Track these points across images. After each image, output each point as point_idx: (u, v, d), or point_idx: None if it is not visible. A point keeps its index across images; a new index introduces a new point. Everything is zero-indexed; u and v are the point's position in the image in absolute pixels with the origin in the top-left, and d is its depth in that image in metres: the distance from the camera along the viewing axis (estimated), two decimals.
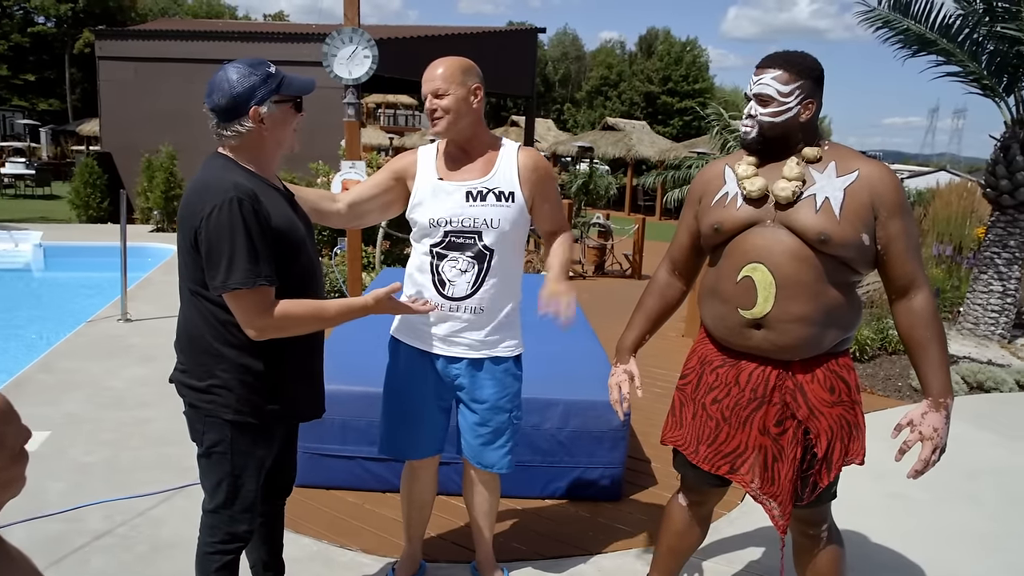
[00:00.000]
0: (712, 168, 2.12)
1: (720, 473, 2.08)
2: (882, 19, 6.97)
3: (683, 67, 44.48)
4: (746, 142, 1.98)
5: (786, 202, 1.89)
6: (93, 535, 2.91)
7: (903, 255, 1.90)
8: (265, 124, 1.86)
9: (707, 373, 2.10)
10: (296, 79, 1.92)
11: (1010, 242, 6.68)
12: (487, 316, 2.31)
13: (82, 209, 13.08)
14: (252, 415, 1.90)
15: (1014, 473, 3.99)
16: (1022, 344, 6.79)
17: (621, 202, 22.46)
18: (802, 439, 1.97)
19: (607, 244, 10.50)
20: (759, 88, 1.91)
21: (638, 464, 3.74)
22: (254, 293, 1.77)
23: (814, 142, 1.95)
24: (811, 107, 1.91)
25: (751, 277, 1.91)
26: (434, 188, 2.28)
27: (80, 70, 35.54)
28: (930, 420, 1.90)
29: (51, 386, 4.57)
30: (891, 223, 1.88)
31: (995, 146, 6.83)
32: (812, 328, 1.90)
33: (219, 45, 13.58)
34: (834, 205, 1.86)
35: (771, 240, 1.90)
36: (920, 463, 1.90)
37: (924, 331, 1.91)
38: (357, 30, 5.90)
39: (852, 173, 1.89)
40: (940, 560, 3.05)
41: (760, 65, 1.94)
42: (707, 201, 2.06)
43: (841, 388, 1.98)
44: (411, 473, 2.57)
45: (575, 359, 3.76)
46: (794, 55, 1.93)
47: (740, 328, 1.97)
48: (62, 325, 6.10)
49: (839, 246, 1.85)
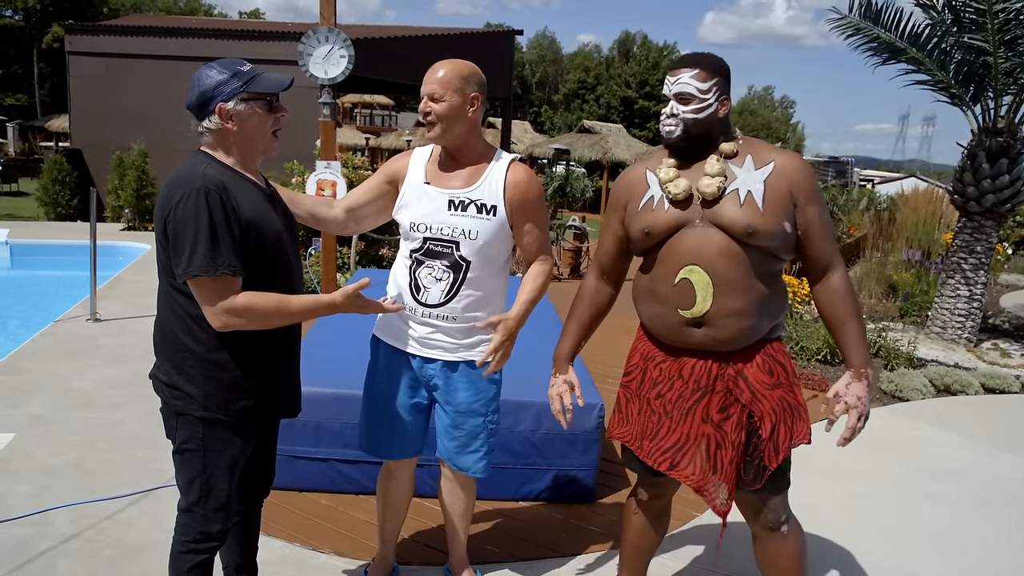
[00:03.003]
0: (633, 172, 2.17)
1: (661, 469, 2.13)
2: (853, 27, 7.08)
3: (660, 72, 44.86)
4: (671, 141, 2.03)
5: (712, 198, 1.97)
6: (59, 539, 2.85)
7: (821, 238, 2.01)
8: (233, 121, 1.86)
9: (651, 368, 2.16)
10: (268, 77, 1.90)
11: (976, 248, 6.82)
12: (460, 324, 2.31)
13: (50, 207, 12.84)
14: (222, 412, 1.89)
15: (979, 474, 4.07)
16: (988, 348, 6.94)
17: (597, 204, 22.53)
18: (746, 423, 2.04)
19: (582, 246, 10.54)
20: (679, 87, 1.98)
21: (611, 466, 3.76)
22: (215, 281, 1.77)
23: (729, 137, 2.04)
24: (727, 103, 2.01)
25: (689, 279, 1.99)
26: (419, 191, 2.28)
27: (49, 65, 34.91)
28: (854, 390, 2.00)
29: (16, 387, 4.48)
30: (809, 209, 1.98)
31: (962, 154, 6.97)
32: (749, 320, 1.99)
33: (192, 42, 13.40)
34: (756, 197, 1.95)
35: (702, 240, 1.98)
36: (848, 431, 2.00)
37: (843, 307, 2.02)
38: (333, 29, 5.87)
39: (768, 164, 1.98)
40: (905, 560, 3.11)
41: (675, 66, 2.03)
42: (633, 206, 2.11)
43: (779, 371, 2.06)
44: (388, 474, 2.56)
45: (548, 361, 3.75)
46: (705, 55, 2.02)
47: (680, 327, 2.04)
48: (28, 325, 5.98)
49: (765, 236, 1.94)
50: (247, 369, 1.91)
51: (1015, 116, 6.68)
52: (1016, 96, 6.58)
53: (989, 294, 8.73)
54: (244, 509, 2.20)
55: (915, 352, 6.23)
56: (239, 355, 1.89)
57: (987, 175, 6.63)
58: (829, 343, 5.99)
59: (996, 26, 6.13)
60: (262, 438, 2.08)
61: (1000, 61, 6.31)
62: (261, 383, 1.95)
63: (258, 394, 1.94)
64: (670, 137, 2.03)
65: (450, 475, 2.51)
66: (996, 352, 6.81)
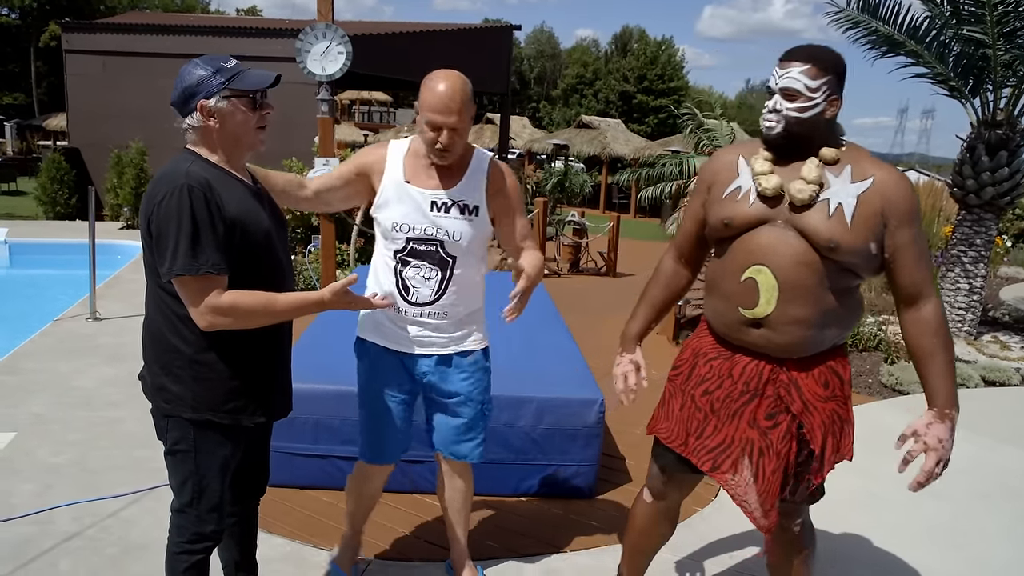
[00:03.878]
0: (724, 156, 2.05)
1: (704, 469, 2.05)
2: (852, 20, 7.06)
3: (658, 66, 44.73)
4: (769, 137, 1.90)
5: (802, 204, 1.86)
6: (62, 537, 2.86)
7: (912, 264, 1.88)
8: (215, 118, 1.83)
9: (700, 364, 2.09)
10: (251, 74, 1.85)
11: (976, 240, 6.81)
12: (450, 319, 2.32)
13: (49, 206, 12.82)
14: (211, 414, 1.88)
15: (979, 468, 4.07)
16: (988, 341, 6.94)
17: (596, 200, 22.53)
18: (796, 434, 1.96)
19: (582, 242, 10.53)
20: (786, 82, 1.84)
21: (612, 461, 3.76)
22: (198, 280, 1.75)
23: (834, 141, 1.92)
24: (836, 104, 1.87)
25: (754, 279, 1.90)
26: (399, 191, 2.25)
27: (46, 63, 34.86)
28: (935, 431, 1.88)
29: (16, 387, 4.48)
30: (900, 232, 1.85)
31: (961, 147, 6.96)
32: (811, 330, 1.90)
33: (190, 40, 13.36)
34: (846, 212, 1.83)
35: (778, 241, 1.88)
36: (923, 475, 1.89)
37: (932, 339, 1.90)
38: (331, 26, 5.86)
39: (867, 180, 1.86)
40: (905, 554, 3.11)
41: (785, 58, 1.87)
42: (717, 192, 2.00)
43: (835, 383, 1.97)
44: (365, 475, 2.54)
45: (549, 356, 3.77)
46: (820, 49, 1.87)
47: (739, 325, 1.97)
48: (28, 324, 5.97)
49: (847, 253, 1.84)
50: (236, 369, 1.89)
51: (1014, 108, 6.66)
52: (1015, 88, 6.57)
53: (989, 287, 8.72)
54: (240, 509, 2.21)
55: None
56: (228, 355, 1.87)
57: (986, 168, 6.62)
58: None
59: (995, 18, 6.11)
60: (254, 438, 2.07)
61: (999, 53, 6.30)
62: (251, 383, 1.93)
63: (248, 395, 1.93)
64: (769, 133, 1.90)
65: (448, 467, 2.52)
66: (996, 345, 6.81)
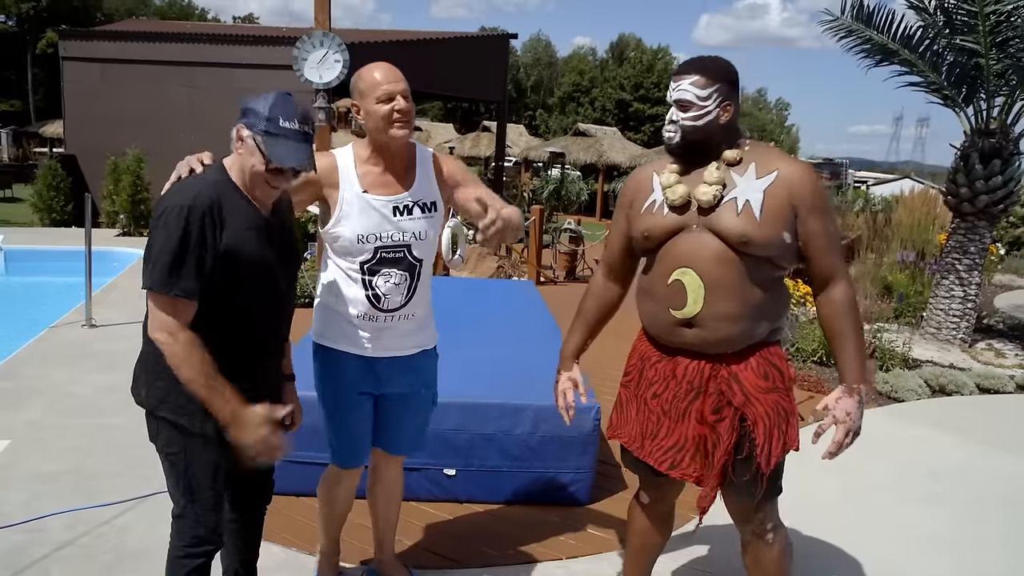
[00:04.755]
0: (641, 173, 2.19)
1: (662, 469, 2.14)
2: (846, 29, 7.11)
3: (655, 74, 44.90)
4: (670, 147, 2.04)
5: (707, 206, 1.97)
6: (55, 545, 2.85)
7: (823, 250, 2.00)
8: (242, 145, 1.86)
9: (647, 368, 2.17)
10: (280, 147, 1.82)
11: (970, 248, 6.85)
12: (417, 319, 2.35)
13: (45, 212, 12.80)
14: (189, 422, 1.88)
15: (974, 475, 4.09)
16: (982, 348, 6.96)
17: (592, 207, 22.58)
18: (738, 426, 2.04)
19: (578, 249, 10.55)
20: (678, 94, 1.98)
21: (609, 469, 3.76)
22: (167, 299, 1.76)
23: (734, 143, 2.03)
24: (729, 109, 1.99)
25: (681, 280, 2.00)
26: (360, 202, 2.20)
27: (43, 70, 34.84)
28: (843, 405, 2.00)
29: (11, 393, 4.46)
30: (810, 220, 1.97)
31: (955, 155, 7.01)
32: (740, 324, 2.00)
33: (187, 47, 13.38)
34: (754, 207, 1.94)
35: (697, 245, 1.99)
36: (833, 445, 2.01)
37: (842, 321, 2.02)
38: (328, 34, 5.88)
39: (771, 174, 1.97)
40: (900, 561, 3.12)
41: (677, 72, 2.01)
42: (637, 207, 2.13)
43: (774, 375, 2.06)
44: (339, 477, 2.53)
45: (545, 364, 3.75)
46: (708, 60, 2.01)
47: (672, 326, 2.05)
48: (24, 331, 5.96)
49: (760, 247, 1.94)
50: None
51: (1007, 117, 6.72)
52: (1008, 97, 6.62)
53: (983, 294, 8.75)
54: (242, 515, 2.20)
55: (910, 353, 6.25)
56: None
57: (980, 176, 6.66)
58: (825, 345, 6.01)
59: (988, 28, 6.16)
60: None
61: (992, 63, 6.35)
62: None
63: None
64: (669, 144, 2.04)
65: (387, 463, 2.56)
66: (991, 352, 6.84)
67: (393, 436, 2.48)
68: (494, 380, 3.49)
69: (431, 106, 47.74)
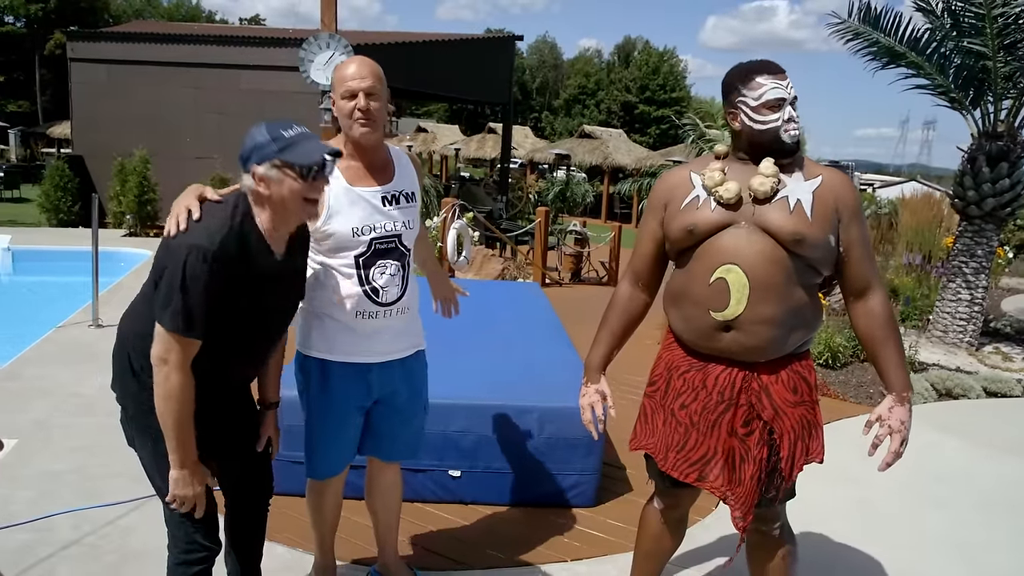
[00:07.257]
0: (676, 174, 2.11)
1: (688, 481, 2.10)
2: (853, 31, 7.09)
3: (660, 76, 44.89)
4: (791, 146, 1.95)
5: (764, 197, 1.93)
6: (61, 545, 2.86)
7: (861, 259, 1.99)
8: (265, 184, 1.82)
9: (675, 378, 2.12)
10: (302, 148, 1.81)
11: (977, 251, 6.82)
12: (411, 312, 2.35)
13: (52, 213, 12.85)
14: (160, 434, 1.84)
15: (980, 478, 4.07)
16: (989, 352, 6.93)
17: (598, 210, 22.58)
18: (767, 439, 2.02)
19: (584, 251, 10.54)
20: (794, 91, 1.94)
21: (613, 471, 3.76)
22: (181, 339, 1.76)
23: None
24: None
25: (725, 279, 1.94)
26: (349, 196, 2.19)
27: (51, 71, 34.99)
28: (897, 414, 1.99)
29: (18, 393, 4.48)
30: (852, 227, 1.97)
31: (962, 158, 6.97)
32: (779, 329, 1.96)
33: (193, 49, 13.42)
34: (805, 206, 1.92)
35: (744, 241, 1.94)
36: (891, 455, 2.00)
37: (883, 330, 2.00)
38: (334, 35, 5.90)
39: (817, 178, 1.97)
40: (908, 565, 3.10)
41: (778, 71, 1.95)
42: (674, 206, 2.05)
43: (803, 388, 2.04)
44: (323, 486, 2.46)
45: (550, 366, 3.77)
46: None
47: (710, 330, 2.00)
48: (30, 331, 5.98)
49: (811, 247, 1.92)
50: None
51: (1015, 120, 6.68)
52: (1016, 100, 6.59)
53: (990, 298, 8.71)
54: (243, 514, 2.20)
55: (916, 356, 6.22)
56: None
57: (987, 179, 6.63)
58: (831, 346, 5.99)
59: (995, 30, 6.14)
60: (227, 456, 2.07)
61: (999, 65, 6.32)
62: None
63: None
64: (793, 141, 1.95)
65: (383, 469, 2.54)
66: (998, 356, 6.80)
67: (387, 445, 2.45)
68: (499, 382, 3.49)
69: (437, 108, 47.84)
